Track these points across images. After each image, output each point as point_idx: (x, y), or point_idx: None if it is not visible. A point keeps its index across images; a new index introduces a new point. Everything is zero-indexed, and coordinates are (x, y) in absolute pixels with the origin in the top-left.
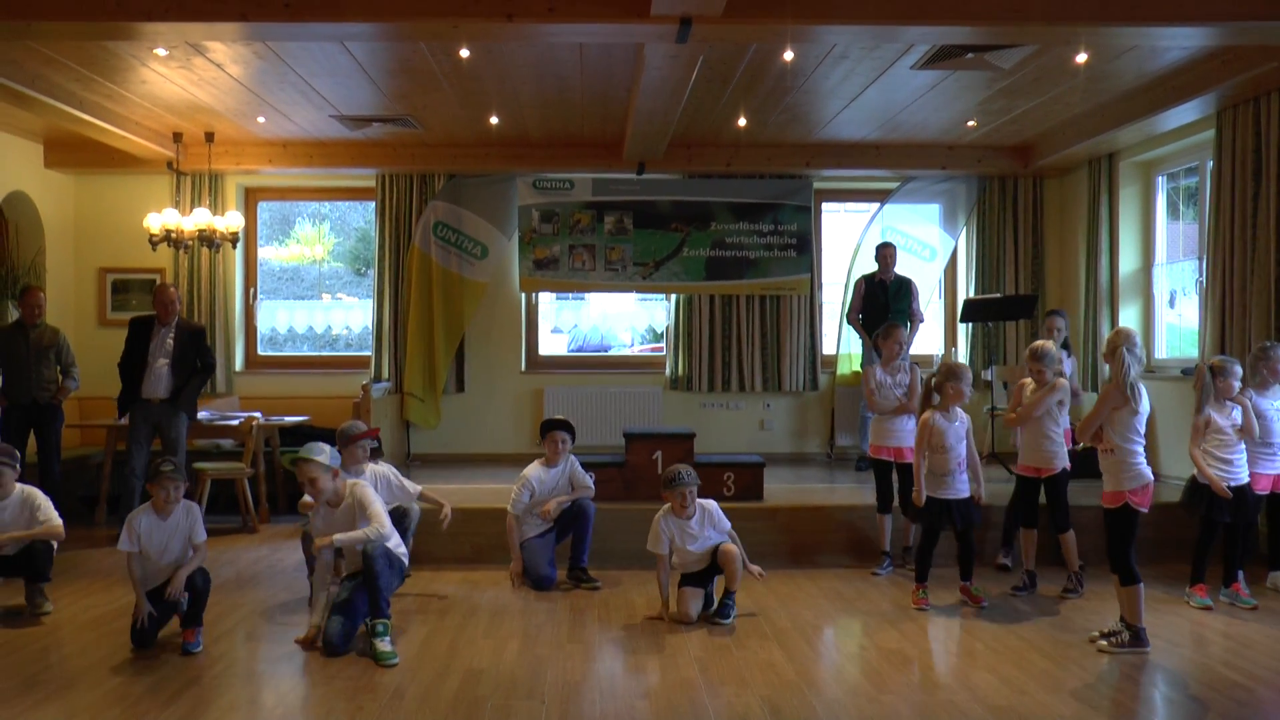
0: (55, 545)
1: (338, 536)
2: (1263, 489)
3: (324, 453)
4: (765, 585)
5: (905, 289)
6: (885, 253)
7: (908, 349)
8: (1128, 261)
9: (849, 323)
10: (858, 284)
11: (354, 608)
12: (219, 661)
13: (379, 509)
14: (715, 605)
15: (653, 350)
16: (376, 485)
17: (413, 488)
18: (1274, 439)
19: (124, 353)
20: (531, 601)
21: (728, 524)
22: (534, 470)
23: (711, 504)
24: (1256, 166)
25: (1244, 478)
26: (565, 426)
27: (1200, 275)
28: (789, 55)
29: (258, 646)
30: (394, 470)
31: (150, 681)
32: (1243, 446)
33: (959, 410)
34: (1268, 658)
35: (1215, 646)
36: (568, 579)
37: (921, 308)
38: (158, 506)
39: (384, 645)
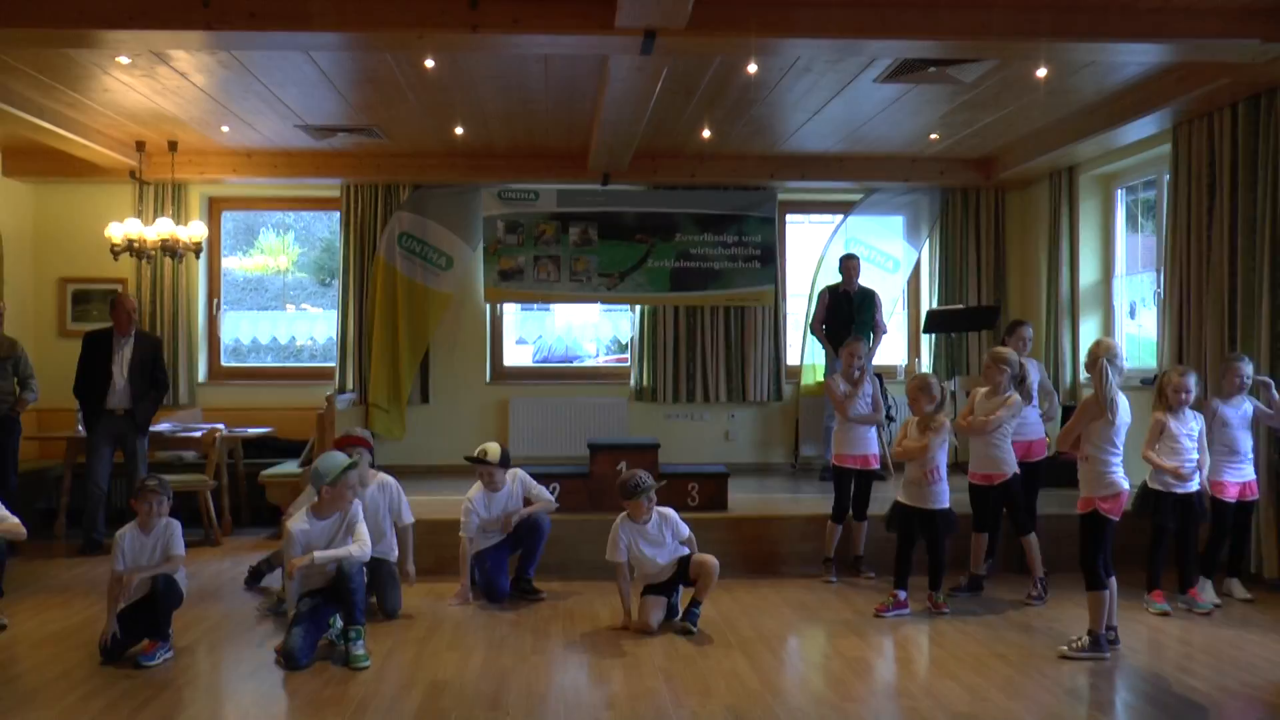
0: (3, 561)
1: (318, 554)
2: (1230, 496)
3: (344, 458)
4: (730, 594)
5: (869, 300)
6: (849, 264)
7: (869, 360)
8: (1088, 273)
9: (813, 333)
10: (821, 294)
11: (317, 621)
12: (181, 675)
13: (364, 530)
14: (681, 613)
15: (618, 361)
16: (380, 493)
17: (407, 517)
18: (1239, 447)
19: (79, 373)
20: (494, 613)
21: (686, 530)
22: (476, 494)
23: (669, 511)
24: (1211, 180)
25: (1193, 487)
26: (483, 461)
27: (1158, 287)
28: (753, 68)
29: (220, 660)
30: (400, 489)
31: (110, 698)
32: (1194, 456)
33: (942, 419)
34: (1225, 664)
35: (1172, 652)
36: (514, 588)
37: (885, 319)
38: (141, 522)
39: (358, 649)
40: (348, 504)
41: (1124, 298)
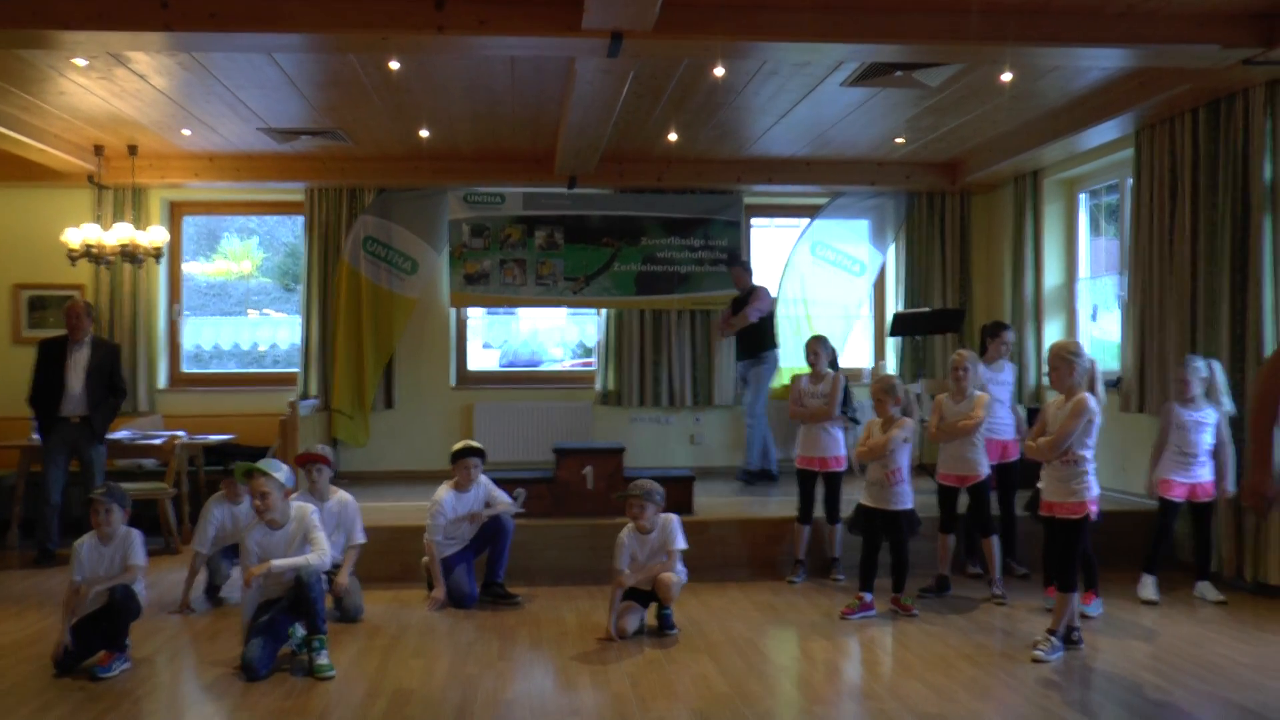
0: None
1: (275, 563)
2: (1176, 496)
3: (281, 470)
4: (697, 598)
5: (749, 294)
6: (733, 272)
7: (824, 359)
8: (1052, 276)
9: (720, 336)
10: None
11: (276, 631)
12: (139, 687)
13: (323, 538)
14: (658, 621)
15: (584, 365)
16: (340, 509)
17: (359, 537)
18: (1191, 450)
19: (34, 380)
20: (460, 620)
21: (680, 544)
22: (445, 494)
23: (673, 520)
24: (1172, 185)
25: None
26: (476, 452)
27: (1121, 290)
28: (720, 71)
29: (179, 672)
30: (357, 508)
31: (64, 710)
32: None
33: (905, 420)
34: (1187, 662)
35: (1139, 652)
36: (485, 594)
37: (762, 311)
38: (98, 532)
39: (321, 659)
40: (274, 512)
41: (1087, 300)
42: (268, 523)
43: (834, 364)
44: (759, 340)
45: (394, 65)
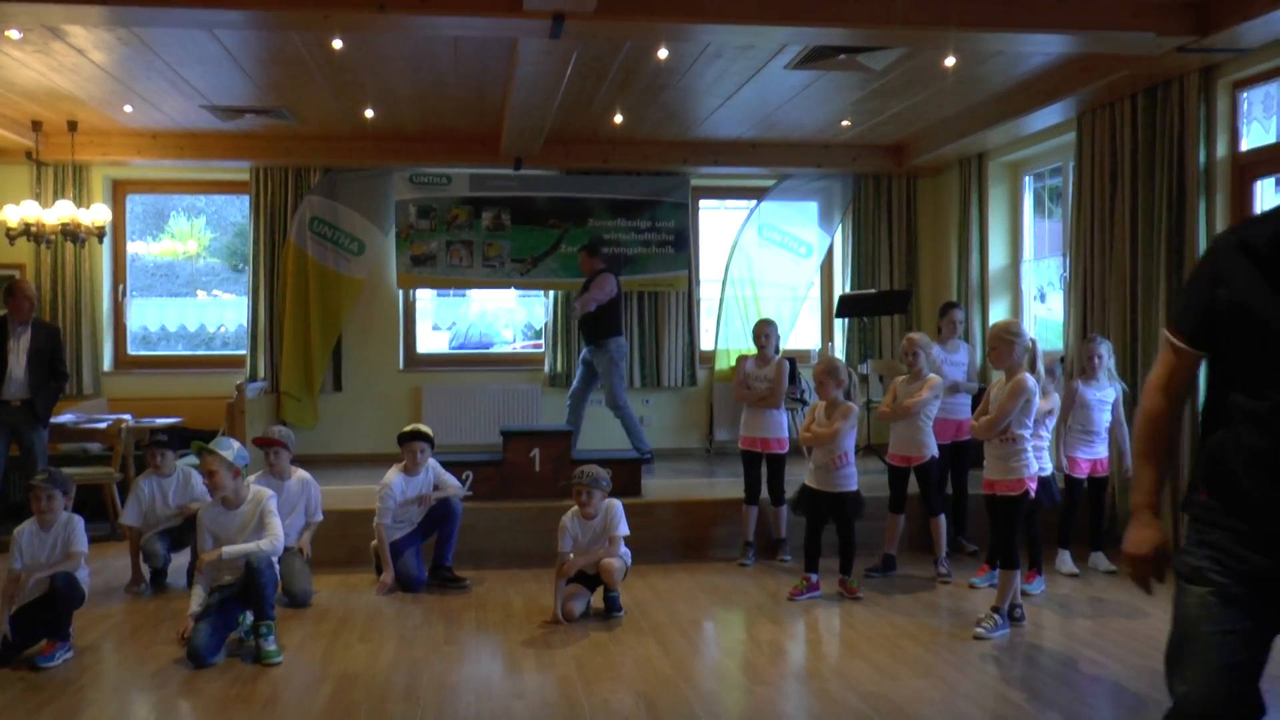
0: None
1: (226, 550)
2: (1081, 473)
3: (231, 448)
4: (643, 580)
5: (592, 279)
6: (580, 255)
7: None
8: (997, 258)
9: (577, 319)
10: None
11: (224, 616)
12: (83, 674)
13: (277, 524)
14: (605, 603)
15: (534, 347)
16: (299, 489)
17: (318, 515)
18: (1094, 428)
19: None
20: (407, 604)
21: (622, 530)
22: (394, 477)
23: (617, 506)
24: (1112, 168)
25: (1048, 469)
26: (423, 437)
27: (1064, 271)
28: (663, 53)
29: (124, 659)
30: (317, 488)
31: (6, 699)
32: (1044, 443)
33: (851, 406)
34: (1123, 636)
35: (1078, 628)
36: (433, 578)
37: (599, 300)
38: (39, 518)
39: (269, 645)
40: (225, 490)
41: (1032, 281)
42: (221, 501)
43: (777, 348)
44: (601, 327)
45: (337, 44)
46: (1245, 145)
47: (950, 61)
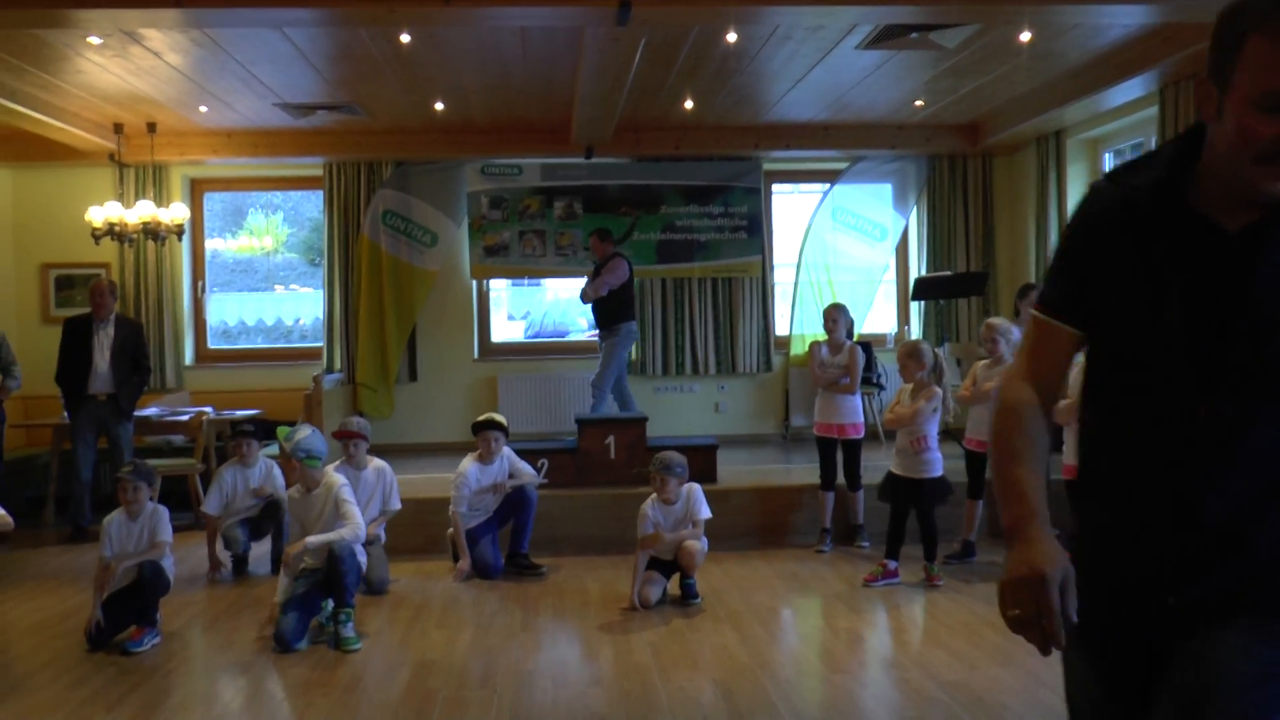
0: None
1: (310, 540)
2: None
3: (305, 431)
4: (720, 568)
5: (604, 263)
6: (591, 240)
7: (842, 327)
8: None
9: (584, 300)
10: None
11: (309, 604)
12: (171, 659)
13: (355, 511)
14: (681, 590)
15: None
16: (376, 477)
17: (395, 504)
18: None
19: (60, 359)
20: (484, 591)
21: (704, 514)
22: (469, 466)
23: (697, 489)
24: None
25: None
26: (496, 426)
27: None
28: (732, 37)
29: (210, 643)
30: (394, 476)
31: (97, 684)
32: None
33: (934, 389)
34: None
35: None
36: (509, 565)
37: (611, 284)
38: (126, 509)
39: (348, 632)
40: (315, 482)
41: None
42: (305, 487)
43: (850, 333)
44: (612, 312)
45: (404, 38)
46: None
47: (1025, 36)
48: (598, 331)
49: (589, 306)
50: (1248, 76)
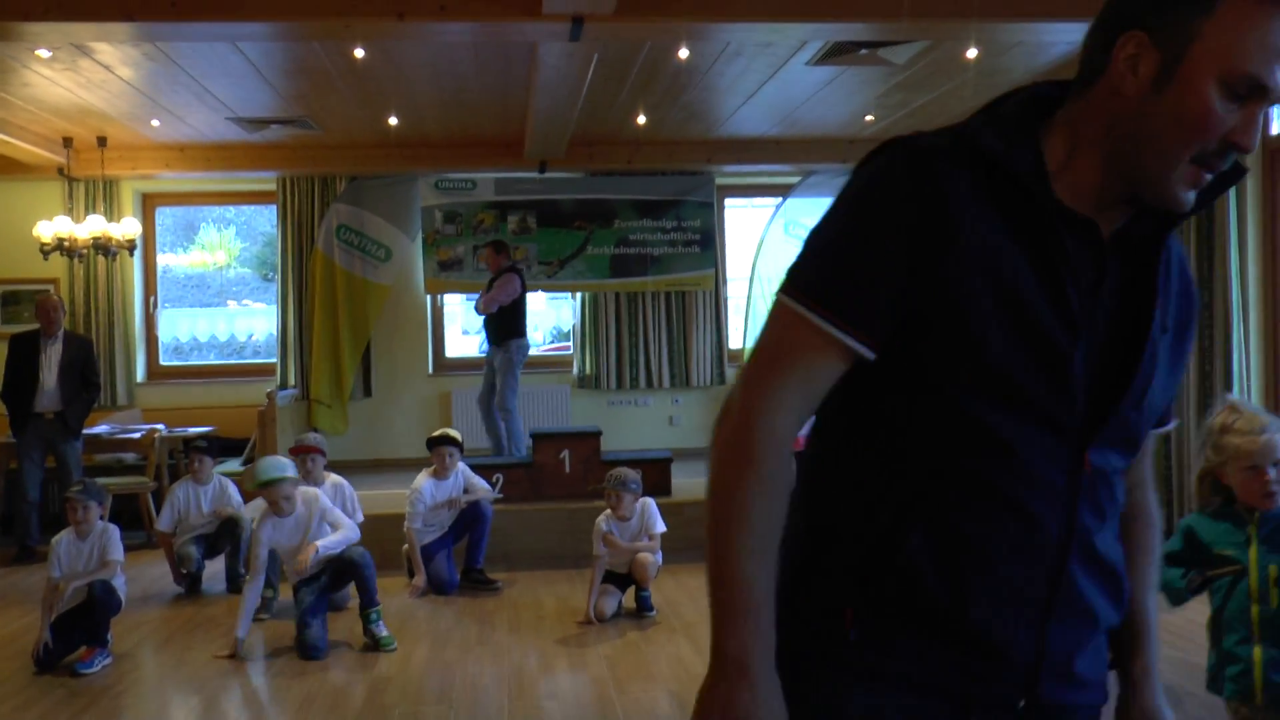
0: None
1: (321, 543)
2: None
3: (288, 468)
4: (675, 580)
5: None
6: (485, 252)
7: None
8: None
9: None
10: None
11: (321, 609)
12: (121, 680)
13: (341, 514)
14: (636, 603)
15: (561, 349)
16: (334, 494)
17: (358, 517)
18: None
19: (5, 378)
20: (439, 607)
21: (659, 528)
22: (423, 481)
23: (651, 504)
24: None
25: None
26: (452, 441)
27: None
28: (684, 53)
29: (162, 664)
30: (353, 491)
31: (46, 706)
32: None
33: None
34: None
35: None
36: (465, 580)
37: (501, 301)
38: (75, 528)
39: (382, 631)
40: (294, 505)
41: None
42: (273, 513)
43: None
44: (503, 328)
45: (359, 53)
46: (1275, 129)
47: (972, 53)
48: (489, 347)
49: (481, 321)
50: (1220, 47)
